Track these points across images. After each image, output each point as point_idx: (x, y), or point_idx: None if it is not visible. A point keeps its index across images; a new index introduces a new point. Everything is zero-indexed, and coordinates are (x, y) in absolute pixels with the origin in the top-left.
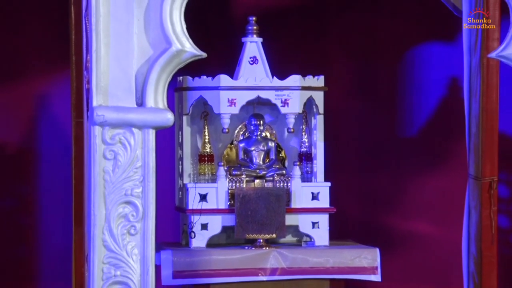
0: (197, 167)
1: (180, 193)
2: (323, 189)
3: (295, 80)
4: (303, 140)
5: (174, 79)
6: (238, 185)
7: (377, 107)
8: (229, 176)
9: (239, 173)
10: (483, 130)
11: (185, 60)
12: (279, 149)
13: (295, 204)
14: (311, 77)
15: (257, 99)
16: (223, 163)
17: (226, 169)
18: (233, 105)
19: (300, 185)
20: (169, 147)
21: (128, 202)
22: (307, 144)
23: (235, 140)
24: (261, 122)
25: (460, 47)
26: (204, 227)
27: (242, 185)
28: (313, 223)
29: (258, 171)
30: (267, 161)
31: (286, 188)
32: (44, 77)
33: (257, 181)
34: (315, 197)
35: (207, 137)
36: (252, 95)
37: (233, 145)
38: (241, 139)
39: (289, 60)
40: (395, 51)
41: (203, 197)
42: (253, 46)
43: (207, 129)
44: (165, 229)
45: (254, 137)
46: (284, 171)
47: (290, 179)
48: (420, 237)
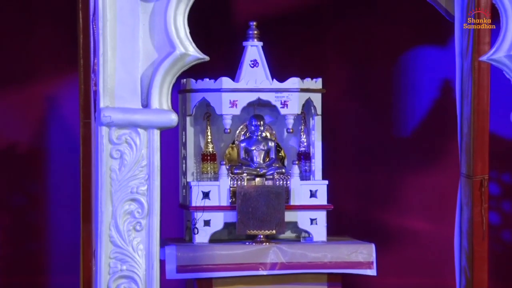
0: (200, 166)
1: (183, 190)
2: (321, 187)
3: (294, 82)
4: (302, 140)
5: (178, 82)
6: (239, 183)
7: (372, 108)
8: (231, 174)
9: (240, 171)
10: (474, 130)
11: (189, 63)
12: (278, 148)
13: (294, 201)
14: (310, 79)
15: (258, 100)
16: (225, 162)
17: (228, 167)
18: (234, 106)
19: (299, 183)
20: (173, 147)
21: (133, 199)
22: (305, 143)
23: (237, 140)
24: (262, 122)
25: (452, 51)
26: (206, 223)
27: (243, 183)
28: (311, 220)
29: (258, 169)
30: (267, 160)
31: (285, 186)
32: (53, 79)
33: (257, 179)
34: (313, 194)
35: (210, 137)
36: (252, 97)
37: (234, 145)
38: (242, 139)
39: (288, 63)
40: (389, 54)
41: (206, 195)
42: (253, 50)
43: (209, 130)
44: (169, 226)
45: (254, 137)
46: (283, 170)
47: (289, 177)
48: (414, 233)
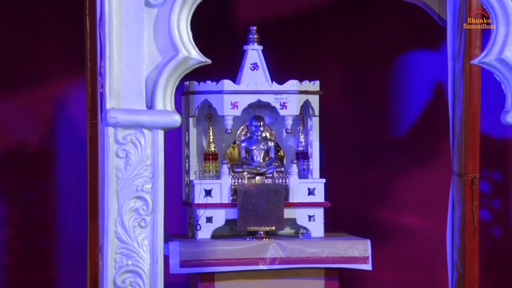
0: (202, 164)
1: (186, 188)
2: (318, 185)
3: (292, 84)
4: (300, 140)
5: (181, 84)
6: (240, 181)
7: (368, 109)
8: (232, 173)
9: (241, 170)
10: (466, 130)
11: (191, 66)
12: (278, 148)
13: (292, 199)
14: (308, 82)
15: (258, 102)
16: (226, 161)
17: (229, 166)
18: (235, 107)
19: (297, 182)
20: (176, 147)
21: (138, 197)
22: (303, 143)
23: (238, 140)
24: (262, 123)
25: (444, 54)
26: (209, 220)
27: (244, 181)
28: (309, 217)
29: (258, 168)
30: (267, 159)
31: (284, 184)
32: (61, 82)
33: (257, 178)
34: (311, 192)
35: (212, 137)
36: (253, 99)
37: (235, 145)
38: (243, 139)
39: (287, 66)
40: (384, 58)
41: (208, 193)
42: (254, 53)
43: (211, 130)
44: (173, 222)
45: (255, 137)
46: (282, 169)
47: (288, 176)
48: (408, 229)
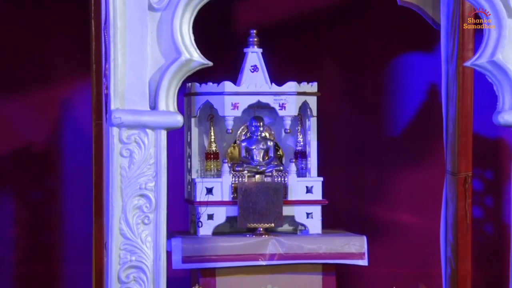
0: (204, 163)
1: (188, 187)
2: (316, 183)
3: (291, 86)
4: (299, 139)
5: (183, 85)
6: (240, 179)
7: (364, 110)
8: (233, 171)
9: (241, 169)
10: (459, 130)
11: (193, 68)
12: (277, 147)
13: (291, 196)
14: (306, 83)
15: (258, 103)
16: (227, 160)
17: (230, 165)
18: (236, 108)
19: (295, 180)
20: (179, 146)
21: (142, 195)
22: (302, 143)
23: (238, 139)
24: (261, 123)
25: (438, 57)
26: (210, 217)
27: (244, 179)
28: (307, 214)
29: (258, 167)
30: (267, 158)
31: (283, 182)
32: (68, 83)
33: (257, 176)
34: (309, 190)
35: (213, 137)
36: (253, 100)
37: (236, 144)
38: (243, 138)
39: (286, 68)
40: (380, 60)
41: (209, 191)
42: (254, 56)
43: (213, 130)
44: (175, 219)
45: (255, 137)
46: (281, 167)
47: (287, 174)
48: (403, 226)
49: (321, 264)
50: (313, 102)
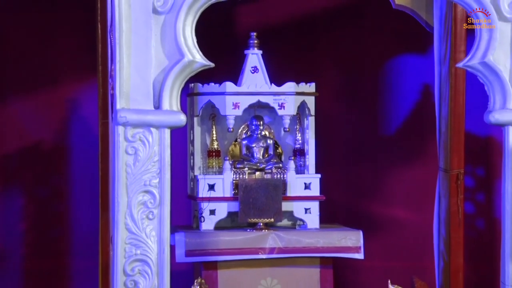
0: (206, 161)
1: (191, 183)
2: (314, 180)
3: (290, 86)
4: (297, 138)
5: (186, 86)
6: (241, 176)
7: (360, 109)
8: (234, 169)
9: (242, 166)
10: (451, 129)
11: (196, 69)
12: (276, 145)
13: (290, 192)
14: (304, 84)
15: (258, 102)
16: (228, 158)
17: (231, 163)
18: (237, 108)
19: (294, 177)
20: (182, 144)
21: (146, 191)
22: (300, 141)
23: (239, 138)
24: (261, 122)
25: (431, 58)
26: (212, 212)
27: (245, 176)
28: (306, 209)
29: (258, 164)
30: (266, 156)
31: (282, 179)
32: (75, 84)
33: (257, 173)
34: (307, 186)
35: (215, 136)
36: (253, 100)
37: (237, 142)
38: (244, 137)
39: (285, 69)
40: (376, 61)
41: (211, 187)
42: (254, 57)
43: (214, 129)
44: (178, 214)
45: (255, 136)
46: (281, 165)
47: (286, 171)
48: (397, 221)
49: (319, 257)
50: (311, 101)
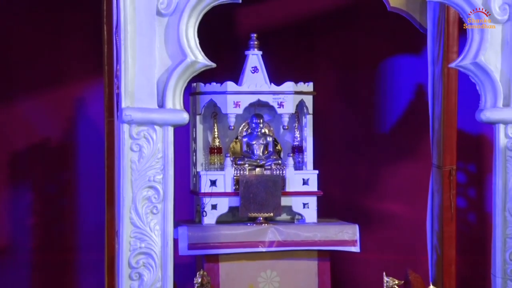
0: (208, 158)
1: (194, 179)
2: (312, 176)
3: (289, 86)
4: (296, 135)
5: (189, 85)
6: (242, 172)
7: (357, 108)
8: (235, 165)
9: (243, 162)
10: (444, 127)
11: (198, 69)
12: (276, 143)
13: (289, 188)
14: (302, 83)
15: (258, 101)
16: (229, 155)
17: (232, 159)
18: (237, 106)
19: (293, 173)
20: (185, 141)
21: (151, 186)
22: (299, 139)
23: (240, 135)
24: (261, 120)
25: (425, 59)
26: (214, 207)
27: (245, 172)
28: (304, 204)
29: (258, 161)
30: (266, 153)
31: (281, 175)
32: (81, 83)
33: (257, 169)
34: (305, 182)
35: (216, 133)
36: (253, 99)
37: (238, 140)
38: (245, 134)
39: (284, 69)
40: (372, 62)
41: (213, 183)
42: (254, 58)
43: (216, 127)
44: (181, 209)
45: (255, 133)
46: (280, 161)
47: (285, 167)
48: (392, 216)
49: (317, 250)
50: (309, 100)
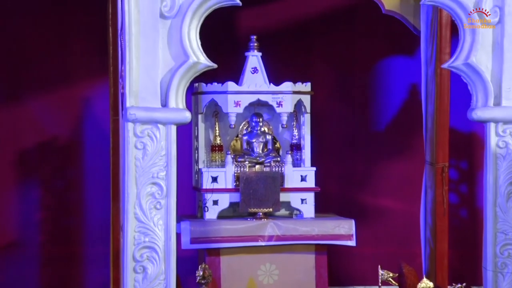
0: (209, 155)
1: (196, 175)
2: (309, 172)
3: (287, 86)
4: (294, 133)
5: (191, 85)
6: (242, 169)
7: (353, 107)
8: (235, 162)
9: (243, 160)
10: (437, 125)
11: (200, 70)
12: (275, 141)
13: (287, 184)
14: (300, 83)
15: (257, 101)
16: (230, 152)
17: (232, 157)
18: (238, 106)
19: (291, 169)
20: (187, 139)
21: (154, 183)
22: (297, 137)
23: (240, 133)
24: (261, 119)
25: (418, 59)
26: (215, 202)
27: (245, 169)
28: (302, 200)
29: (258, 158)
30: (265, 150)
31: (280, 171)
32: (88, 83)
33: (257, 166)
34: (303, 179)
35: (218, 131)
36: (253, 98)
37: (238, 138)
38: (245, 133)
39: (283, 70)
40: (367, 62)
41: (214, 179)
42: (254, 59)
43: (217, 125)
44: (184, 205)
45: (255, 131)
46: (279, 158)
47: (283, 164)
48: (387, 211)
49: (314, 244)
50: (307, 100)
